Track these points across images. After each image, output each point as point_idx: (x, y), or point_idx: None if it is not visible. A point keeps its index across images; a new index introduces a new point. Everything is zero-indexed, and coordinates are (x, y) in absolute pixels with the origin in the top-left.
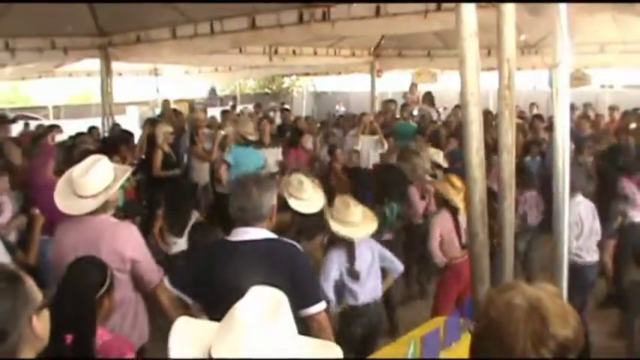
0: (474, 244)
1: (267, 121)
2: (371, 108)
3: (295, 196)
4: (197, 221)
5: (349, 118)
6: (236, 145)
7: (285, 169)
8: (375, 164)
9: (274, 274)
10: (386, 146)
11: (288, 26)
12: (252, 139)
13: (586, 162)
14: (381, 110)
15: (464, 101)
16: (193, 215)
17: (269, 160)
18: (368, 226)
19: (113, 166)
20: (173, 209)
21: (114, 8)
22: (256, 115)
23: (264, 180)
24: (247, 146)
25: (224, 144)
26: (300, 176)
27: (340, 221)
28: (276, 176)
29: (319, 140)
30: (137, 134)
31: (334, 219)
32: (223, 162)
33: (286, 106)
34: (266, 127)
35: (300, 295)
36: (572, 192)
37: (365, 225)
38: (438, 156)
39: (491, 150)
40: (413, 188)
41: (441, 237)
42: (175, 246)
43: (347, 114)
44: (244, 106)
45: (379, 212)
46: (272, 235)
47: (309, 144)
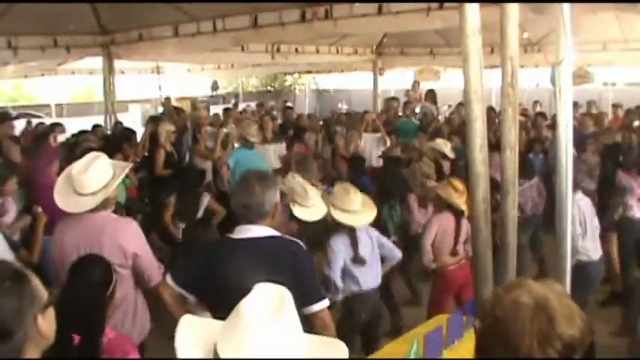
0: (478, 241)
1: (269, 118)
2: (373, 106)
3: (300, 204)
4: (209, 206)
5: (353, 116)
6: (239, 148)
7: (288, 165)
8: (377, 167)
9: (277, 272)
10: (388, 143)
11: (290, 24)
12: (254, 141)
13: (589, 159)
14: (384, 108)
15: (467, 99)
16: (205, 199)
17: (272, 157)
18: (368, 214)
19: (112, 163)
20: (184, 195)
21: (116, 6)
22: (258, 113)
23: (266, 177)
24: (250, 148)
25: (226, 142)
26: (303, 183)
27: (341, 209)
28: (279, 173)
29: (321, 138)
30: (139, 132)
31: (335, 206)
32: (225, 165)
33: (289, 104)
34: (268, 124)
35: (303, 293)
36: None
37: (365, 212)
38: (446, 146)
39: (493, 147)
40: (412, 196)
41: (436, 237)
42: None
43: (352, 112)
44: (246, 104)
45: (379, 211)
46: (275, 233)
47: (311, 141)
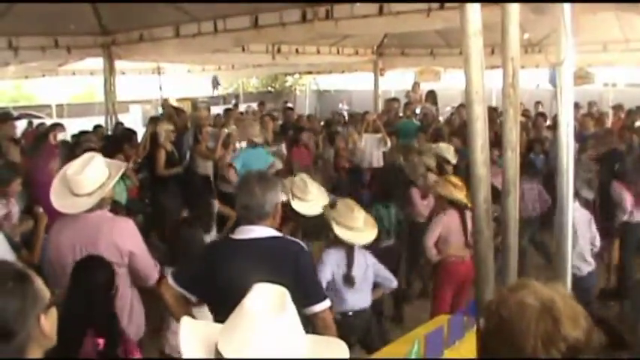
0: (479, 243)
1: (269, 119)
2: (374, 106)
3: (299, 197)
4: (220, 211)
5: (355, 116)
6: (245, 148)
7: (290, 165)
8: (376, 168)
9: (278, 273)
10: (389, 144)
11: (291, 25)
12: (258, 142)
13: (589, 164)
14: (384, 109)
15: (468, 99)
16: (215, 206)
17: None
18: (370, 232)
19: (108, 163)
20: (194, 206)
21: (117, 7)
22: (260, 113)
23: (267, 178)
24: (255, 148)
25: (228, 142)
26: (304, 177)
27: (343, 225)
28: (280, 173)
29: (321, 139)
30: (140, 133)
31: (337, 223)
32: (230, 166)
33: (289, 105)
34: (269, 125)
35: (304, 293)
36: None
37: (367, 231)
38: (448, 151)
39: (493, 146)
40: (414, 189)
41: (440, 235)
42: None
43: (355, 113)
44: (247, 105)
45: (377, 215)
46: (276, 234)
47: (311, 142)
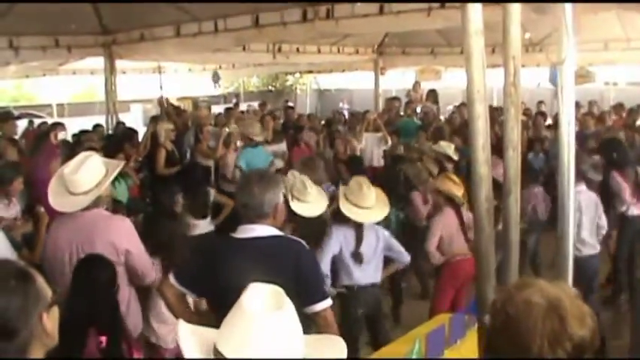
0: (481, 241)
1: (270, 118)
2: (375, 106)
3: (298, 199)
4: (217, 200)
5: (355, 115)
6: (246, 147)
7: (291, 164)
8: (377, 167)
9: (279, 271)
10: (389, 143)
11: (291, 24)
12: (258, 140)
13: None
14: (385, 107)
15: (470, 98)
16: (211, 194)
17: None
18: (380, 210)
19: (104, 162)
20: (190, 193)
21: (118, 6)
22: (261, 112)
23: (266, 177)
24: (255, 147)
25: (229, 141)
26: (303, 178)
27: (352, 203)
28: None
29: (322, 138)
30: (141, 132)
31: (347, 200)
32: (234, 166)
33: (290, 104)
34: (269, 124)
35: (306, 292)
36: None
37: (377, 209)
38: (450, 149)
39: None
40: (416, 193)
41: (441, 237)
42: (197, 228)
43: (355, 112)
44: (248, 104)
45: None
46: (278, 233)
47: (312, 141)
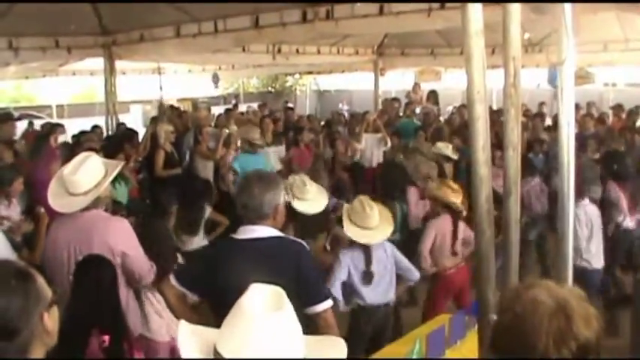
0: (481, 242)
1: (269, 120)
2: (374, 106)
3: (298, 197)
4: (209, 217)
5: (356, 117)
6: (242, 153)
7: (290, 167)
8: (378, 163)
9: (280, 272)
10: (389, 144)
11: (291, 25)
12: (258, 144)
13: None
14: (382, 108)
15: (470, 99)
16: (206, 212)
17: (272, 159)
18: (385, 229)
19: (104, 162)
20: (186, 207)
21: (117, 7)
22: (261, 113)
23: (266, 178)
24: (253, 153)
25: (229, 142)
26: (303, 176)
27: (356, 225)
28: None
29: (322, 139)
30: (141, 133)
31: (351, 222)
32: (231, 170)
33: (290, 105)
34: (269, 126)
35: (307, 293)
36: (579, 196)
37: (382, 228)
38: (447, 149)
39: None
40: (412, 188)
41: (434, 242)
42: (190, 244)
43: (355, 113)
44: (248, 105)
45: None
46: (278, 233)
47: (311, 142)
